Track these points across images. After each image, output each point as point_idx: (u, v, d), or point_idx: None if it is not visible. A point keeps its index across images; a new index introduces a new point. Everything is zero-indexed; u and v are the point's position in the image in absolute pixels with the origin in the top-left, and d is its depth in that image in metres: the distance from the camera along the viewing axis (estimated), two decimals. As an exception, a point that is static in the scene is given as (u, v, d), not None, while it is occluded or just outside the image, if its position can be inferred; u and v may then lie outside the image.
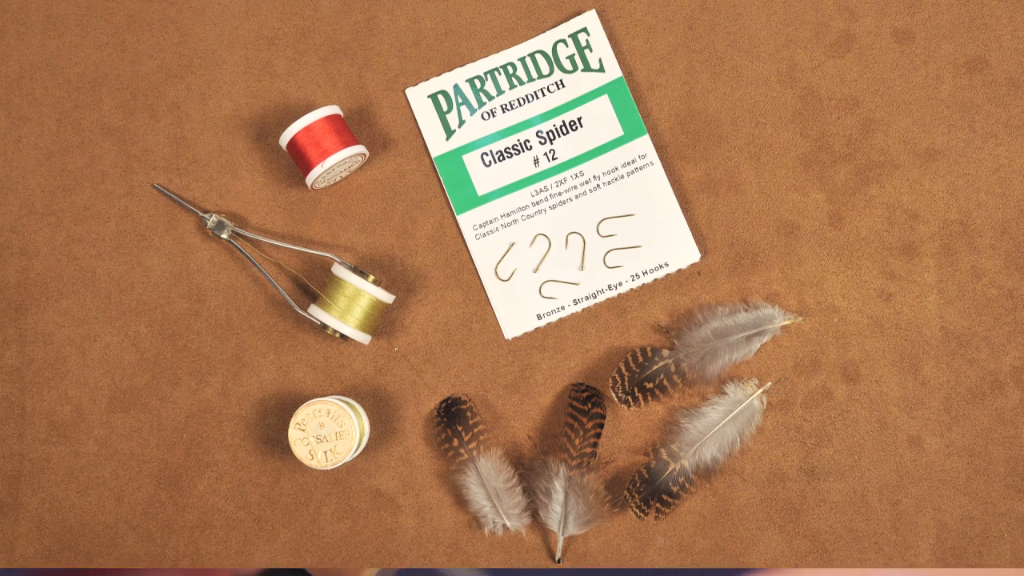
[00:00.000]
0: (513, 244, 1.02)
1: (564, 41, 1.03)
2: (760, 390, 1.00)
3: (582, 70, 1.03)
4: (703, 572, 0.99)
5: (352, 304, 0.97)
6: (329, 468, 0.98)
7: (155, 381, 1.01)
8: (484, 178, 1.02)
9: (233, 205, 1.02)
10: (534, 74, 1.03)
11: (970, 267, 1.01)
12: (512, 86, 1.03)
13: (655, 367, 0.99)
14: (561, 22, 1.03)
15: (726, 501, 1.00)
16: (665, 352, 1.00)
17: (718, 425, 0.99)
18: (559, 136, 1.02)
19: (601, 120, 1.02)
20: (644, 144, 1.02)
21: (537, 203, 1.02)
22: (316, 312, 0.98)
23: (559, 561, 1.00)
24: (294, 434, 0.96)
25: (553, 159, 1.02)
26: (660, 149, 1.02)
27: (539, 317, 1.01)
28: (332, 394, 1.01)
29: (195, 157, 1.03)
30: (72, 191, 1.03)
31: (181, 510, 1.01)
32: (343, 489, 1.00)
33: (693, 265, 1.01)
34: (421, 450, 1.01)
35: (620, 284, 1.01)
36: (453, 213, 1.02)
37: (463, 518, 1.01)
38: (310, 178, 0.98)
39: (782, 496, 1.00)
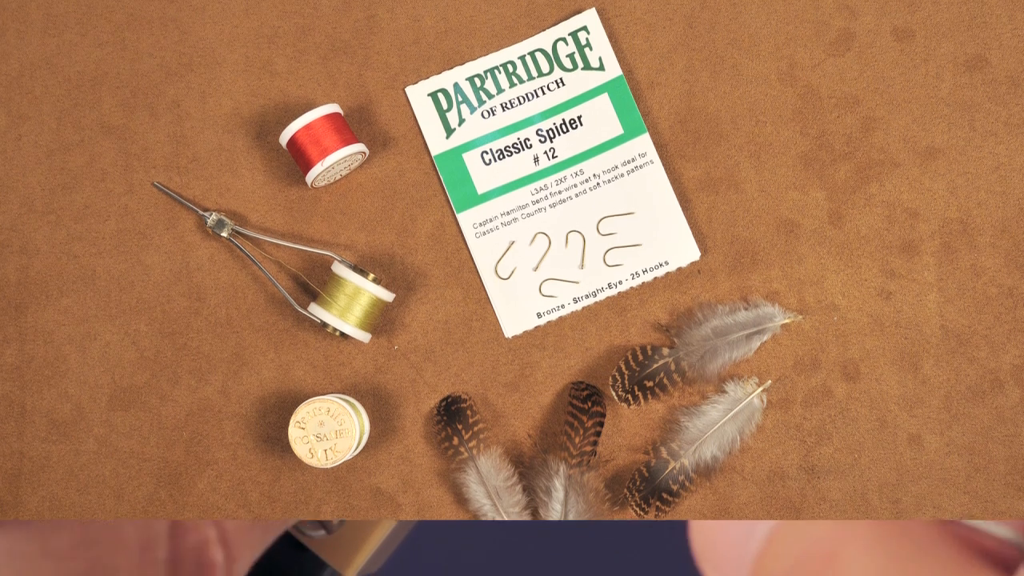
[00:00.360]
0: (513, 242, 1.02)
1: (564, 39, 1.03)
2: (760, 388, 1.00)
3: (582, 68, 1.03)
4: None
5: (352, 302, 0.97)
6: (329, 466, 0.98)
7: (155, 379, 1.01)
8: (484, 176, 1.02)
9: (233, 203, 1.02)
10: (534, 72, 1.03)
11: (970, 265, 1.01)
12: (512, 84, 1.03)
13: (655, 365, 0.99)
14: (561, 20, 1.03)
15: (726, 499, 1.00)
16: (665, 350, 1.00)
17: (718, 423, 0.99)
18: (559, 134, 1.02)
19: (601, 118, 1.02)
20: (644, 142, 1.02)
21: (537, 201, 1.02)
22: (316, 310, 0.98)
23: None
24: (294, 432, 0.96)
25: (553, 157, 1.02)
26: (660, 147, 1.02)
27: (539, 315, 1.01)
28: (332, 392, 1.01)
29: (195, 155, 1.03)
30: (72, 189, 1.03)
31: (181, 508, 1.01)
32: (343, 487, 1.00)
33: (693, 263, 1.01)
34: (421, 448, 1.01)
35: (620, 282, 1.01)
36: (453, 211, 1.02)
37: (463, 516, 1.00)
38: (310, 176, 0.98)
39: (782, 494, 1.00)
